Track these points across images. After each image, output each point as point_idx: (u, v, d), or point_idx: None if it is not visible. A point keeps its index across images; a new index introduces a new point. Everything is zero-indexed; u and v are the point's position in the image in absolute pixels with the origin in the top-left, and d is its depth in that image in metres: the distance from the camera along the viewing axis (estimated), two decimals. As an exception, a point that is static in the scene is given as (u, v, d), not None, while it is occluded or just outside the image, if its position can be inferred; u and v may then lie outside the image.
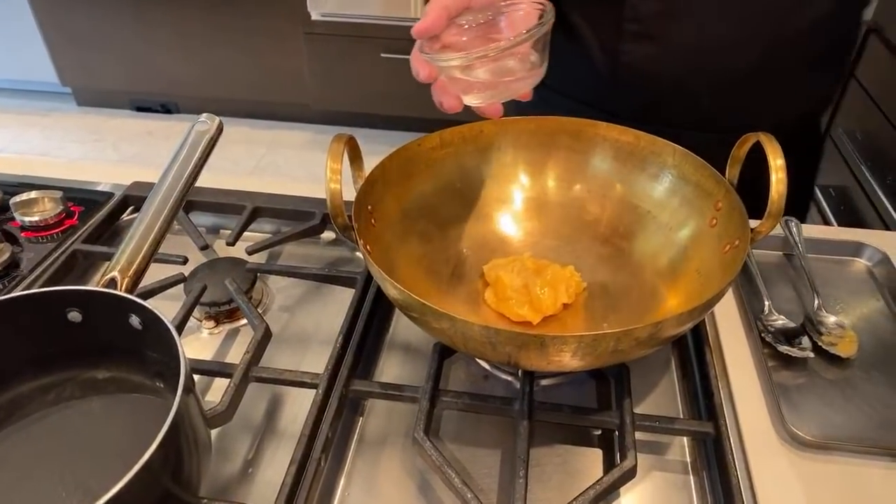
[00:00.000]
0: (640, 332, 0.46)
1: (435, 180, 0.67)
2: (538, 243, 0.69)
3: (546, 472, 0.55)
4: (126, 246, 0.53)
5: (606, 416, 0.55)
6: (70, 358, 0.52)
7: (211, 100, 2.78)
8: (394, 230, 0.63)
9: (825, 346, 0.63)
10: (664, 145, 0.64)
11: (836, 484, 0.53)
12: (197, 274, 0.68)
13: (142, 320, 0.49)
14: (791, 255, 0.75)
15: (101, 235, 0.74)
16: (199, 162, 0.59)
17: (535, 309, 0.59)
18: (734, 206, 0.58)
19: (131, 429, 0.51)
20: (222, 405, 0.52)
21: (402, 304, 0.51)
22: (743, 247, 0.55)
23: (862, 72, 1.40)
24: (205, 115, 0.63)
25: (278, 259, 0.76)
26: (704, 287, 0.58)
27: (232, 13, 2.49)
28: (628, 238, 0.67)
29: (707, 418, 0.55)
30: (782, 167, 0.53)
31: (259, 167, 2.61)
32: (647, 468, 0.55)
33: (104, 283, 0.50)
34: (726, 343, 0.64)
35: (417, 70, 0.54)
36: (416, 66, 0.55)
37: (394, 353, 0.65)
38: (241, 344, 0.65)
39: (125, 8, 2.54)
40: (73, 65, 2.76)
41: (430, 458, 0.50)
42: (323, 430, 0.52)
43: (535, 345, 0.45)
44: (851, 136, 1.35)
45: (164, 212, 0.55)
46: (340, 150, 0.54)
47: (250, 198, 0.77)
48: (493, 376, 0.61)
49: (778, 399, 0.57)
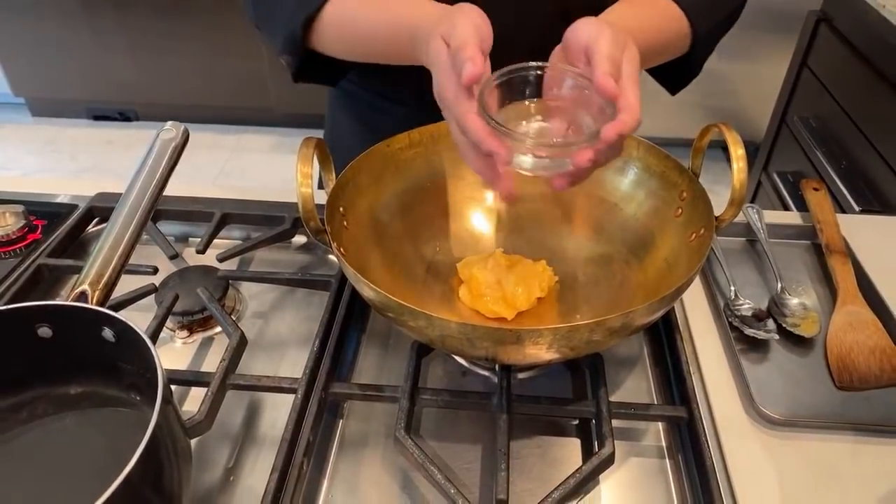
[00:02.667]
0: (613, 322, 0.47)
1: (406, 180, 0.68)
2: (510, 239, 0.70)
3: (527, 463, 0.56)
4: (95, 258, 0.52)
5: (583, 405, 0.56)
6: (42, 374, 0.51)
7: (171, 106, 2.73)
8: (367, 231, 0.63)
9: (789, 327, 0.65)
10: (629, 139, 0.66)
11: (806, 459, 0.55)
12: (168, 283, 0.67)
13: (115, 333, 0.48)
14: (754, 240, 0.77)
15: (67, 249, 0.73)
16: (165, 171, 0.58)
17: (510, 305, 0.60)
18: (698, 196, 0.59)
19: (109, 443, 0.50)
20: (200, 414, 0.52)
21: (378, 304, 0.51)
22: (708, 234, 0.56)
23: (813, 60, 1.44)
24: (170, 122, 0.63)
25: (250, 265, 0.76)
26: (673, 275, 0.59)
27: (188, 17, 2.45)
28: (597, 231, 0.68)
29: (680, 403, 0.57)
30: (743, 156, 0.55)
31: (224, 172, 2.57)
32: (625, 454, 0.56)
33: (74, 296, 0.49)
34: (696, 329, 0.66)
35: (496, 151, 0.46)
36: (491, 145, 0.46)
37: (371, 354, 0.65)
38: (216, 352, 0.65)
39: (77, 15, 2.48)
40: (25, 74, 2.69)
41: (413, 457, 0.50)
42: (304, 434, 0.52)
43: (511, 339, 0.46)
44: (806, 122, 1.40)
45: (132, 222, 0.54)
46: (310, 153, 0.54)
47: (219, 204, 0.77)
48: (470, 372, 0.62)
49: (747, 381, 0.59)
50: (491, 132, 0.46)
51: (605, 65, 0.46)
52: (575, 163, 0.47)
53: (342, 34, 0.64)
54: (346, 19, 0.63)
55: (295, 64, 0.68)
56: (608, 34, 0.48)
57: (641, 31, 0.58)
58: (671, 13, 0.63)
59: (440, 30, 0.50)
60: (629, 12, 0.60)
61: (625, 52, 0.48)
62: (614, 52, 0.47)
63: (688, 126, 2.51)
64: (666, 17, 0.63)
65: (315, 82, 0.73)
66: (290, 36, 0.64)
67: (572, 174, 0.50)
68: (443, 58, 0.49)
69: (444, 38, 0.50)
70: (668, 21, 0.63)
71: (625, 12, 0.60)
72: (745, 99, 2.37)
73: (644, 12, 0.61)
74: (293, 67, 0.68)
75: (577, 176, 0.50)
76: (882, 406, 0.59)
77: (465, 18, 0.49)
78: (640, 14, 0.61)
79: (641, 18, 0.60)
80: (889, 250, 0.74)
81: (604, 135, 0.45)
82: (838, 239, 0.74)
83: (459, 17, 0.49)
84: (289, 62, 0.68)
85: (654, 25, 0.61)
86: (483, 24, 0.50)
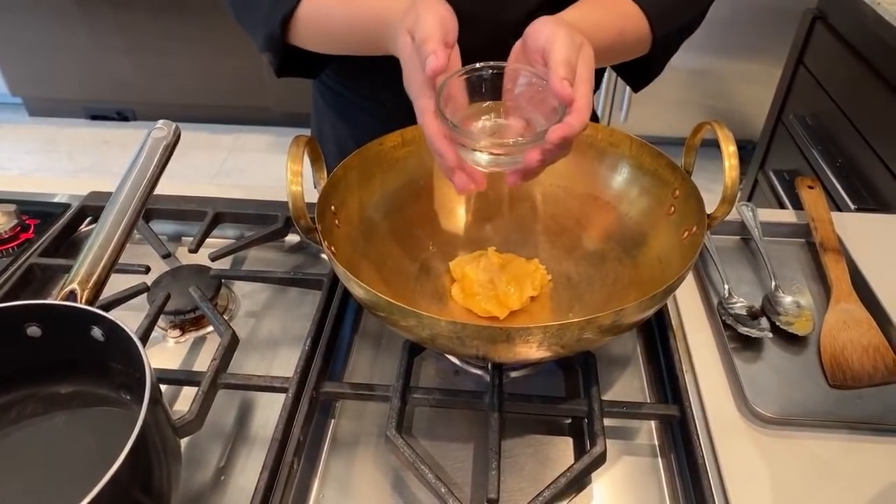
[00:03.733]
0: (604, 320, 0.47)
1: (398, 179, 0.68)
2: (503, 237, 0.69)
3: (518, 462, 0.55)
4: (85, 257, 0.52)
5: (575, 404, 0.55)
6: (31, 373, 0.51)
7: (168, 105, 2.73)
8: (358, 230, 0.63)
9: (783, 325, 0.65)
10: (621, 136, 0.66)
11: (798, 457, 0.55)
12: (160, 283, 0.67)
13: (104, 332, 0.48)
14: (749, 238, 0.77)
15: (59, 248, 0.73)
16: (157, 170, 0.58)
17: (502, 304, 0.60)
18: (691, 193, 0.59)
19: (98, 443, 0.50)
20: (191, 414, 0.52)
21: (369, 303, 0.51)
22: (700, 232, 0.56)
23: (809, 58, 1.44)
24: (161, 121, 0.62)
25: (242, 264, 0.75)
26: (666, 273, 0.59)
27: (185, 17, 2.45)
28: (590, 229, 0.68)
29: (672, 401, 0.57)
30: (734, 154, 0.55)
31: (221, 172, 2.57)
32: (617, 453, 0.56)
33: (63, 295, 0.49)
34: (689, 327, 0.66)
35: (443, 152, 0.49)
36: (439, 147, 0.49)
37: (363, 352, 0.65)
38: (208, 352, 0.65)
39: (74, 15, 2.47)
40: (23, 74, 2.68)
41: (404, 456, 0.50)
42: (294, 433, 0.52)
43: (502, 337, 0.46)
44: (802, 120, 1.39)
45: (122, 221, 0.54)
46: (300, 152, 0.54)
47: (211, 203, 0.77)
48: (463, 371, 0.62)
49: (740, 379, 0.59)
50: (443, 133, 0.49)
51: (561, 69, 0.47)
52: (524, 162, 0.49)
53: (318, 30, 0.65)
54: (320, 15, 0.64)
55: (277, 61, 0.69)
56: (564, 36, 0.49)
57: (600, 31, 0.59)
58: (632, 15, 0.63)
59: (406, 23, 0.52)
60: (590, 12, 0.61)
61: (580, 54, 0.49)
62: (570, 55, 0.48)
63: (685, 124, 2.51)
64: (627, 18, 0.63)
65: (298, 76, 0.74)
66: (270, 34, 0.66)
67: (523, 171, 0.51)
68: (408, 51, 0.51)
69: (409, 32, 0.51)
70: (628, 22, 0.63)
71: (586, 12, 0.61)
72: (743, 97, 2.37)
73: (605, 13, 0.62)
74: (275, 64, 0.70)
75: (528, 173, 0.52)
76: (875, 404, 0.59)
77: (428, 11, 0.50)
78: (601, 14, 0.61)
79: (602, 18, 0.61)
80: (883, 248, 0.74)
81: (548, 136, 0.47)
82: (832, 237, 0.74)
83: (423, 10, 0.50)
84: (271, 59, 0.69)
85: (613, 26, 0.62)
86: (448, 16, 0.51)
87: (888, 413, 0.58)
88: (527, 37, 0.52)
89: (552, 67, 0.48)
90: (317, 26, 0.65)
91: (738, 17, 2.11)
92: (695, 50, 0.64)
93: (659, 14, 0.64)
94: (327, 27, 0.64)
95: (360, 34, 0.62)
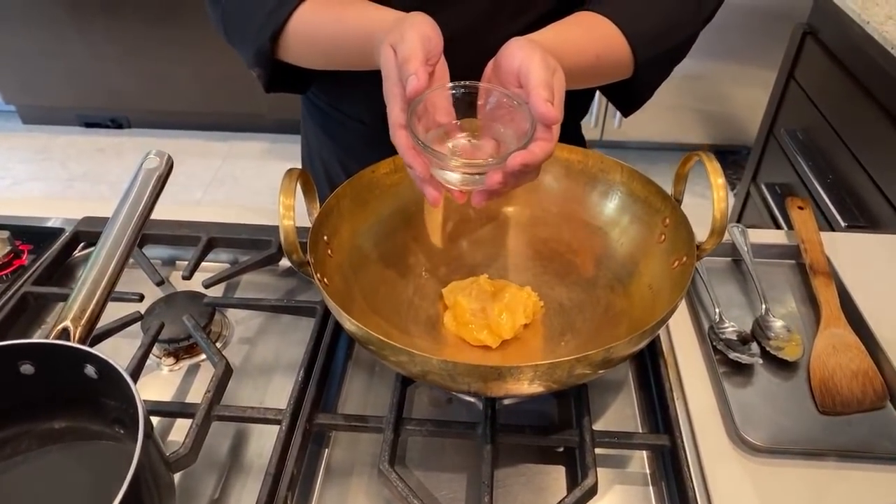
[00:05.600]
0: (594, 357, 0.47)
1: (391, 206, 0.68)
2: (495, 263, 0.70)
3: (511, 492, 0.56)
4: (77, 293, 0.52)
5: (567, 434, 0.56)
6: (25, 410, 0.51)
7: (162, 113, 2.73)
8: (351, 259, 0.63)
9: (773, 350, 0.65)
10: (612, 164, 0.66)
11: (788, 486, 0.55)
12: (154, 310, 0.67)
13: (97, 370, 0.48)
14: (739, 260, 0.77)
15: (52, 275, 0.73)
16: (149, 202, 0.58)
17: (494, 333, 0.60)
18: (681, 222, 0.60)
19: (94, 478, 0.50)
20: (185, 448, 0.52)
21: (360, 338, 0.51)
22: (690, 263, 0.57)
23: (800, 73, 1.45)
24: (154, 150, 0.62)
25: (237, 289, 0.76)
26: (657, 302, 0.60)
27: (179, 24, 2.44)
28: (582, 255, 0.68)
29: (663, 431, 0.57)
30: (723, 185, 0.55)
31: (216, 179, 2.57)
32: (609, 482, 0.57)
33: (56, 334, 0.49)
34: (681, 353, 0.66)
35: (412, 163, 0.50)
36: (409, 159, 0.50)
37: (357, 379, 0.65)
38: (202, 379, 0.65)
39: (67, 23, 2.47)
40: (16, 82, 2.68)
41: (396, 490, 0.50)
42: (288, 467, 0.52)
43: (493, 376, 0.46)
44: (793, 135, 1.40)
45: (115, 256, 0.54)
46: (293, 185, 0.54)
47: (205, 228, 0.77)
48: (456, 399, 0.62)
49: (730, 406, 0.60)
50: (412, 145, 0.50)
51: (544, 92, 0.48)
52: (486, 184, 0.50)
53: (308, 45, 0.65)
54: (309, 31, 0.64)
55: (266, 77, 0.69)
56: (539, 59, 0.49)
57: (576, 55, 0.60)
58: (612, 37, 0.62)
59: (390, 38, 0.52)
60: (567, 32, 0.61)
61: (554, 78, 0.50)
62: (548, 78, 0.49)
63: (679, 130, 2.52)
64: (606, 40, 0.62)
65: (287, 91, 0.74)
66: (259, 50, 0.66)
67: (488, 192, 0.52)
68: (389, 64, 0.52)
69: (392, 47, 0.52)
70: (607, 44, 0.62)
71: (563, 31, 0.60)
72: (737, 102, 2.38)
73: (583, 34, 0.62)
74: (264, 80, 0.70)
75: (493, 194, 0.52)
76: (864, 431, 0.59)
77: (413, 30, 0.51)
78: (578, 35, 0.61)
79: (579, 40, 0.61)
80: (872, 270, 0.75)
81: (509, 162, 0.48)
82: (822, 259, 0.74)
83: (408, 28, 0.51)
84: (260, 74, 0.70)
85: (589, 49, 0.61)
86: (432, 35, 0.51)
87: (876, 440, 0.58)
88: (500, 58, 0.53)
89: (533, 89, 0.48)
90: (306, 42, 0.65)
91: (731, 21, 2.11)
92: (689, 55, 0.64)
93: (640, 36, 0.63)
94: (316, 43, 0.65)
95: (349, 49, 0.62)
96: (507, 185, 0.51)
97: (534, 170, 0.50)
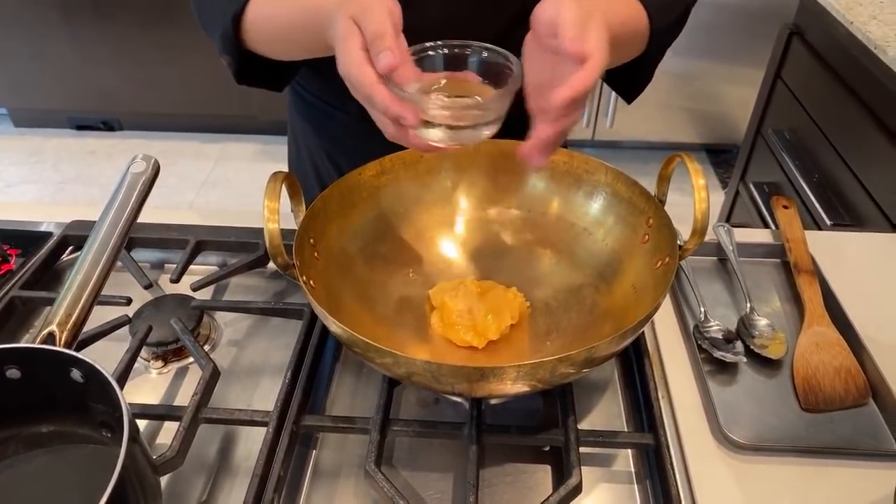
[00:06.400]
0: (576, 357, 0.48)
1: (377, 208, 0.68)
2: (482, 264, 0.70)
3: (497, 491, 0.56)
4: (63, 298, 0.52)
5: (552, 434, 0.56)
6: (11, 415, 0.51)
7: (154, 115, 2.72)
8: (338, 261, 0.64)
9: (757, 348, 0.66)
10: (597, 164, 0.67)
11: (771, 483, 0.56)
12: (142, 314, 0.68)
13: (83, 374, 0.48)
14: (725, 259, 0.78)
15: (40, 280, 0.73)
16: (136, 206, 0.58)
17: (480, 334, 0.61)
18: (664, 223, 0.60)
19: (81, 481, 0.51)
20: (171, 451, 0.52)
21: (346, 341, 0.51)
22: (673, 263, 0.57)
23: (787, 73, 1.46)
24: (141, 154, 0.63)
25: (225, 292, 0.76)
26: (641, 302, 0.60)
27: (170, 26, 2.44)
28: (567, 255, 0.69)
29: (648, 429, 0.58)
30: (704, 186, 0.56)
31: (208, 181, 2.57)
32: (595, 480, 0.57)
33: (42, 338, 0.50)
34: (665, 351, 0.67)
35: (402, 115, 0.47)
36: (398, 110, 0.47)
37: (345, 380, 0.65)
38: (190, 382, 0.65)
39: (59, 25, 2.46)
40: (7, 85, 2.67)
41: (383, 491, 0.51)
42: (275, 469, 0.53)
43: (476, 377, 0.47)
44: (780, 135, 1.41)
45: (101, 261, 0.54)
46: (277, 188, 0.55)
47: (193, 231, 0.77)
48: (443, 399, 0.63)
49: (714, 404, 0.60)
50: (396, 99, 0.47)
51: (573, 30, 0.46)
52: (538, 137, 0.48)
53: (265, 30, 0.65)
54: (265, 15, 0.64)
55: (234, 65, 0.68)
56: (572, 4, 0.48)
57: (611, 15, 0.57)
58: (631, 6, 0.62)
59: (349, 10, 0.50)
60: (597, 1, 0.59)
61: (591, 18, 0.48)
62: (582, 17, 0.47)
63: (670, 129, 2.53)
64: (629, 10, 0.62)
65: (259, 86, 0.73)
66: (224, 35, 0.65)
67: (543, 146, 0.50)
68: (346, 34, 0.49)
69: (353, 19, 0.49)
70: (628, 15, 0.62)
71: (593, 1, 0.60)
72: (727, 101, 2.39)
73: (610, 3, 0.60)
74: (233, 68, 0.69)
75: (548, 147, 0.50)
76: (846, 428, 0.60)
77: (378, 3, 0.49)
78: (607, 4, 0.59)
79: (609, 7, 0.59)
80: (856, 268, 0.76)
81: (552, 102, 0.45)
82: (806, 258, 0.75)
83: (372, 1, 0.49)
84: (229, 62, 0.69)
85: (618, 14, 0.60)
86: (395, 8, 0.50)
87: (859, 436, 0.59)
88: (534, 19, 0.51)
89: (561, 26, 0.46)
90: (263, 26, 0.65)
91: (720, 20, 2.13)
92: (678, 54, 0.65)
93: (657, 9, 0.63)
94: (272, 27, 0.64)
95: (303, 31, 0.61)
96: (557, 131, 0.48)
97: (581, 105, 0.48)
